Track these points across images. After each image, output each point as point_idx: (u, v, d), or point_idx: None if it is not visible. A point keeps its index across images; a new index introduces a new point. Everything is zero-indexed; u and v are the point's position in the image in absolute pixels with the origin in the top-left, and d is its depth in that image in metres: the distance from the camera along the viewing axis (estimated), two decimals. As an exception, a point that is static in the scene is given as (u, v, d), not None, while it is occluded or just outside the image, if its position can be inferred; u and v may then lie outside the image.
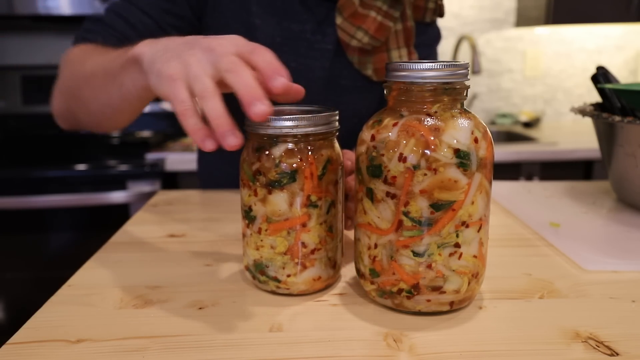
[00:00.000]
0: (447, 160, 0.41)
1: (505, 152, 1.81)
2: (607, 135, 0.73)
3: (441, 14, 0.83)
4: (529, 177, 1.86)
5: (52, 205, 1.63)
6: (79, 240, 1.70)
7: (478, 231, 0.43)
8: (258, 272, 0.49)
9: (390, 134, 0.42)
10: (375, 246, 0.45)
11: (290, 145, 0.45)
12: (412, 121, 0.42)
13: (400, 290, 0.44)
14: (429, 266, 0.43)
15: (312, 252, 0.48)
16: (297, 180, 0.45)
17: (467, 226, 0.42)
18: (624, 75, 2.40)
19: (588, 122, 2.14)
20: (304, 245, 0.47)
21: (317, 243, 0.48)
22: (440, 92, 0.42)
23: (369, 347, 0.41)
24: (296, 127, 0.45)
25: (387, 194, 0.43)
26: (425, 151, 0.41)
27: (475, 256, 0.44)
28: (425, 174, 0.41)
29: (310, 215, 0.47)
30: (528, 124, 2.28)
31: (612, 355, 0.39)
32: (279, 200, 0.46)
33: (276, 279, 0.48)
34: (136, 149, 1.81)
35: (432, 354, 0.39)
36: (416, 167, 0.41)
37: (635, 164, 0.68)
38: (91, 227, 1.68)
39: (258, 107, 0.40)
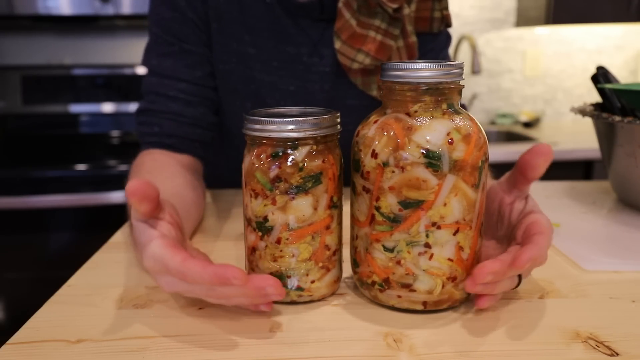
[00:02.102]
0: (414, 159, 0.41)
1: (505, 152, 1.81)
2: (607, 135, 0.73)
3: (448, 24, 0.81)
4: (529, 177, 1.86)
5: (52, 205, 1.63)
6: (79, 240, 1.70)
7: (454, 234, 0.43)
8: None
9: (369, 130, 0.44)
10: (357, 237, 0.47)
11: (312, 148, 0.44)
12: (389, 119, 0.43)
13: (373, 283, 0.46)
14: (398, 262, 0.43)
15: (334, 253, 0.47)
16: (322, 182, 0.44)
17: (439, 227, 0.42)
18: (624, 75, 2.41)
19: (588, 122, 2.14)
20: (327, 247, 0.46)
21: (337, 243, 0.48)
22: (422, 92, 0.42)
23: (369, 347, 0.41)
24: (318, 128, 0.44)
25: (363, 188, 0.44)
26: (395, 149, 0.41)
27: (450, 259, 0.43)
28: (394, 172, 0.42)
29: (333, 216, 0.46)
30: (528, 124, 2.28)
31: (612, 355, 0.39)
32: (303, 205, 0.44)
33: (299, 288, 0.46)
34: (136, 149, 1.81)
35: (432, 354, 0.39)
36: (385, 164, 0.42)
37: (635, 164, 0.68)
38: (91, 227, 1.68)
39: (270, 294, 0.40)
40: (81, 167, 1.66)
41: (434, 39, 0.82)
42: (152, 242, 0.41)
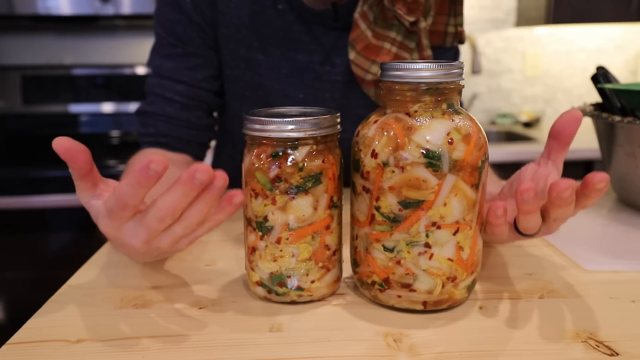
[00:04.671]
0: (415, 159, 0.41)
1: (505, 152, 1.81)
2: (607, 135, 0.73)
3: (461, 41, 0.80)
4: (529, 177, 1.86)
5: (52, 205, 1.63)
6: (79, 240, 1.70)
7: (454, 234, 0.43)
8: (276, 285, 0.46)
9: (369, 130, 0.44)
10: (357, 237, 0.47)
11: (312, 148, 0.44)
12: (389, 119, 0.43)
13: (373, 283, 0.46)
14: (398, 262, 0.44)
15: (334, 253, 0.48)
16: (322, 182, 0.44)
17: (439, 227, 0.42)
18: (624, 75, 2.41)
19: (588, 122, 2.14)
20: (327, 247, 0.47)
21: (337, 243, 0.48)
22: (422, 92, 0.42)
23: (369, 347, 0.41)
24: (318, 129, 0.43)
25: (363, 188, 0.44)
26: (395, 149, 0.42)
27: (450, 259, 0.43)
28: (394, 172, 0.42)
29: (333, 216, 0.46)
30: (528, 124, 2.28)
31: (612, 355, 0.39)
32: (303, 205, 0.44)
33: (299, 288, 0.47)
34: (136, 149, 1.81)
35: (432, 354, 0.39)
36: (385, 164, 0.42)
37: (635, 164, 0.68)
38: (91, 227, 1.68)
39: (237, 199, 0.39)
40: (81, 167, 1.66)
41: (444, 53, 0.81)
42: (99, 207, 0.42)
